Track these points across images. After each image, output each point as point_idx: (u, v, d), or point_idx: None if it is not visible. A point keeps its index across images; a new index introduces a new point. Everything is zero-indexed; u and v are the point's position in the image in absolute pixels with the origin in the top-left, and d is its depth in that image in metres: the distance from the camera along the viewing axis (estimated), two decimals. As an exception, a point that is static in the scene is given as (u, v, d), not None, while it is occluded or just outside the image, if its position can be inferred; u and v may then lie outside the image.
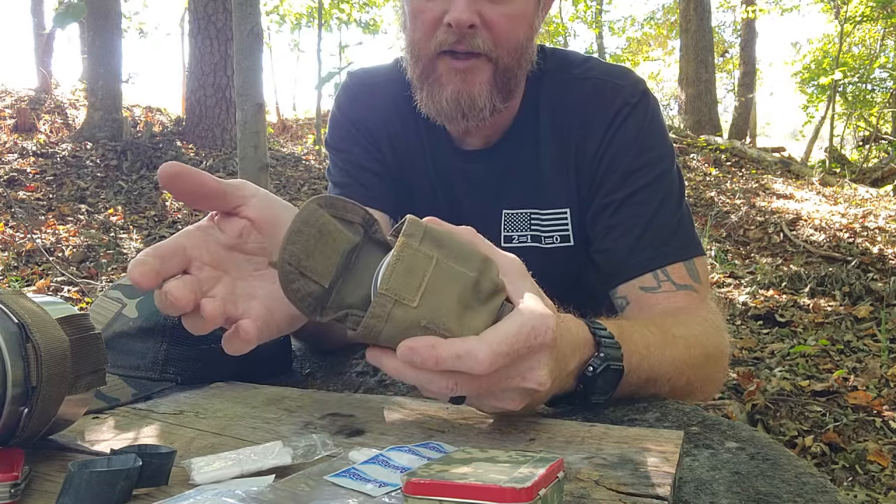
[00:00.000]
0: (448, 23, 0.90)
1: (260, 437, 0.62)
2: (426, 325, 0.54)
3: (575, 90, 1.03)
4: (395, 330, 0.55)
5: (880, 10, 10.59)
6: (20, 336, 0.52)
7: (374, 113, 1.12)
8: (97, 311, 0.85)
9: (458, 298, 0.55)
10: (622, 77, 1.04)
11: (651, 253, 0.95)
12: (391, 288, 0.54)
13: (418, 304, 0.54)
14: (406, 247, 0.55)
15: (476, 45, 0.91)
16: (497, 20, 0.91)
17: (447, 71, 0.94)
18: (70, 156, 7.02)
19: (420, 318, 0.54)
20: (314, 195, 0.62)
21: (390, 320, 0.54)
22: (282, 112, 13.75)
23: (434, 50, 0.93)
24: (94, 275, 4.55)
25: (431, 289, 0.55)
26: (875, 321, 3.70)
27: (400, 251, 0.55)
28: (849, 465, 2.27)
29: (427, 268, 0.55)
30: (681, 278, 0.94)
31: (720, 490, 0.52)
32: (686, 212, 1.01)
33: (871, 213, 6.61)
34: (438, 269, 0.55)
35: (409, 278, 0.54)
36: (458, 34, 0.91)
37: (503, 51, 0.93)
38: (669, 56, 20.24)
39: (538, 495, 0.39)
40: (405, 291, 0.54)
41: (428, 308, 0.55)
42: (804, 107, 13.22)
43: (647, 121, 1.00)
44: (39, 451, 0.58)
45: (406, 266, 0.55)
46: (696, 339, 0.83)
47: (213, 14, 7.75)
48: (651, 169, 0.98)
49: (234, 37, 2.81)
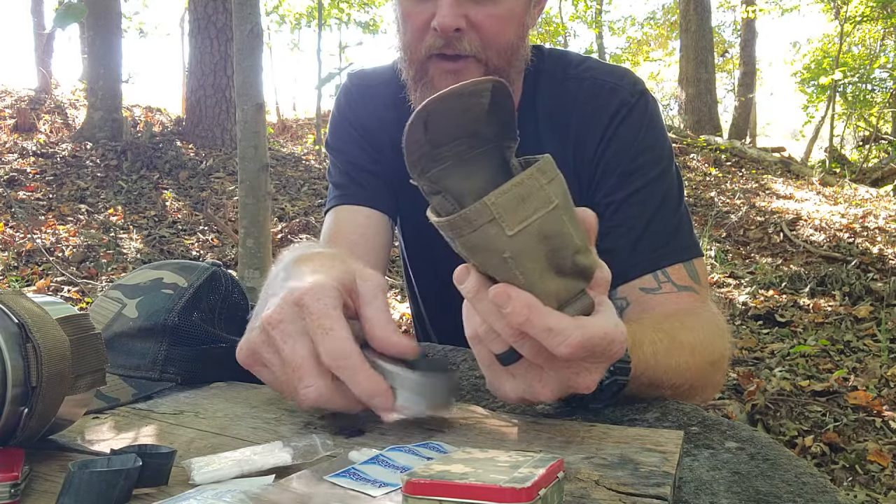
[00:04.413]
0: (434, 27, 0.90)
1: (260, 437, 0.62)
2: (506, 258, 0.52)
3: (573, 90, 1.03)
4: (475, 243, 0.52)
5: (880, 10, 10.59)
6: (20, 336, 0.52)
7: (372, 114, 1.12)
8: (97, 311, 0.85)
9: (550, 254, 0.53)
10: (621, 77, 1.03)
11: (651, 254, 0.95)
12: (497, 204, 0.50)
13: (514, 234, 0.51)
14: (533, 178, 0.51)
15: (463, 48, 0.91)
16: (484, 22, 0.91)
17: (439, 73, 0.94)
18: (70, 156, 7.02)
19: (506, 249, 0.51)
20: (314, 195, 0.62)
21: (478, 232, 0.51)
22: (282, 112, 13.75)
23: (424, 53, 0.94)
24: (94, 275, 4.55)
25: (533, 229, 0.51)
26: (875, 321, 3.70)
27: (525, 178, 0.51)
28: (849, 465, 2.27)
29: (541, 208, 0.51)
30: (681, 279, 0.94)
31: (720, 490, 0.52)
32: (685, 213, 1.00)
33: (871, 213, 6.61)
34: (551, 216, 0.52)
35: (520, 207, 0.51)
36: (446, 38, 0.91)
37: (492, 52, 0.93)
38: (669, 56, 20.23)
39: (538, 495, 0.39)
40: (508, 215, 0.51)
41: (519, 245, 0.51)
42: (804, 107, 13.23)
43: (645, 121, 1.00)
44: (39, 451, 0.58)
45: (522, 193, 0.51)
46: (701, 345, 0.83)
47: (213, 14, 7.74)
48: (650, 169, 0.98)
49: (234, 37, 2.81)
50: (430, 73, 0.95)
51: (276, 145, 9.05)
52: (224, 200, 6.28)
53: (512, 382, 0.60)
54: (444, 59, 0.93)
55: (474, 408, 0.70)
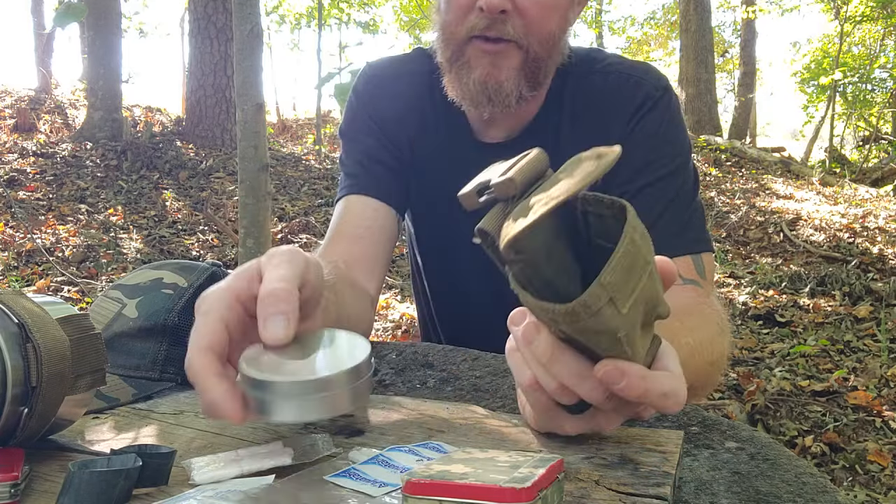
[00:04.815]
0: (480, 7, 0.91)
1: (260, 437, 0.62)
2: (621, 338, 0.46)
3: (598, 83, 1.04)
4: (592, 327, 0.45)
5: (880, 10, 10.59)
6: (20, 336, 0.52)
7: (391, 105, 1.11)
8: (97, 311, 0.84)
9: (645, 316, 0.48)
10: (645, 72, 1.05)
11: (660, 244, 0.95)
12: (612, 284, 0.44)
13: (627, 311, 0.45)
14: (631, 241, 0.44)
15: (506, 31, 0.92)
16: (530, 8, 0.92)
17: (476, 54, 0.94)
18: (70, 156, 7.02)
19: (620, 328, 0.46)
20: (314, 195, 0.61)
21: (597, 316, 0.44)
22: (282, 112, 13.76)
23: (465, 34, 0.94)
24: (94, 275, 4.55)
25: (639, 298, 0.46)
26: (875, 321, 3.70)
27: (627, 244, 0.44)
28: (849, 465, 2.27)
29: (643, 272, 0.46)
30: (687, 272, 0.94)
31: (720, 490, 0.52)
32: (699, 207, 1.01)
33: (871, 213, 6.61)
34: (650, 278, 0.47)
35: (628, 278, 0.45)
36: (490, 19, 0.91)
37: (534, 39, 0.94)
38: (669, 56, 20.24)
39: (538, 495, 0.39)
40: (621, 292, 0.44)
41: (630, 320, 0.46)
42: (804, 107, 13.24)
43: (668, 116, 1.02)
44: (39, 451, 0.58)
45: (629, 263, 0.44)
46: (701, 345, 0.82)
47: (213, 14, 7.74)
48: (668, 162, 0.99)
49: (234, 37, 2.81)
50: (467, 53, 0.95)
51: (276, 145, 9.04)
52: (224, 200, 6.29)
53: (573, 422, 0.57)
54: (485, 41, 0.93)
55: (474, 408, 0.70)
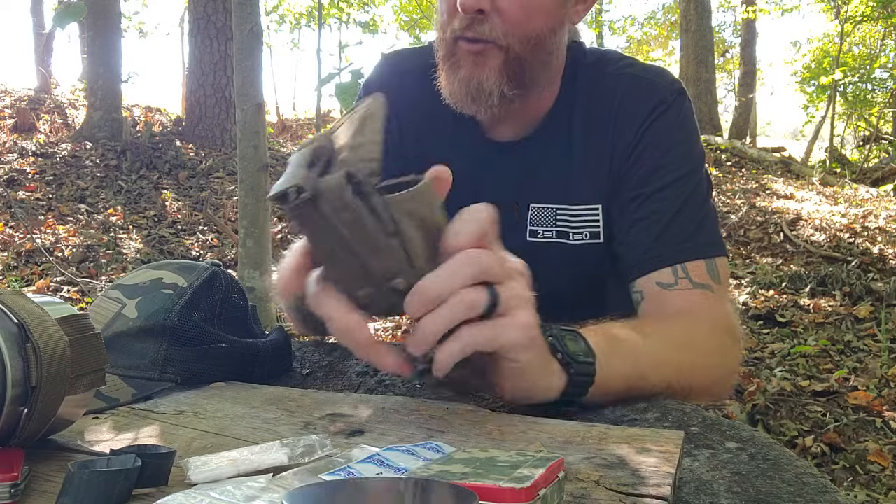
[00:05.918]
0: (458, 7, 0.90)
1: (260, 437, 0.62)
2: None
3: (611, 86, 1.03)
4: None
5: (880, 10, 10.59)
6: (20, 336, 0.52)
7: (401, 100, 1.11)
8: (97, 311, 0.84)
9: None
10: (659, 75, 1.04)
11: (672, 248, 0.95)
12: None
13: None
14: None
15: (483, 31, 0.91)
16: (508, 8, 0.91)
17: (463, 54, 0.95)
18: (70, 156, 7.02)
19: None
20: None
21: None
22: (282, 112, 13.75)
23: (451, 35, 0.94)
24: (93, 275, 4.55)
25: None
26: (875, 321, 3.70)
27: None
28: (849, 465, 2.27)
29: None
30: (699, 276, 0.93)
31: (720, 490, 0.52)
32: (712, 211, 1.00)
33: (871, 213, 6.61)
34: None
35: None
36: (469, 19, 0.91)
37: (514, 39, 0.93)
38: (669, 56, 20.24)
39: (538, 495, 0.39)
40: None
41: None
42: (804, 107, 13.23)
43: (681, 120, 1.01)
44: (39, 451, 0.58)
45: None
46: (699, 346, 0.83)
47: (212, 14, 7.74)
48: (681, 165, 0.99)
49: (234, 37, 2.81)
50: (456, 54, 0.95)
51: (276, 145, 9.04)
52: (224, 200, 6.29)
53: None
54: (466, 41, 0.93)
55: (474, 408, 0.70)
